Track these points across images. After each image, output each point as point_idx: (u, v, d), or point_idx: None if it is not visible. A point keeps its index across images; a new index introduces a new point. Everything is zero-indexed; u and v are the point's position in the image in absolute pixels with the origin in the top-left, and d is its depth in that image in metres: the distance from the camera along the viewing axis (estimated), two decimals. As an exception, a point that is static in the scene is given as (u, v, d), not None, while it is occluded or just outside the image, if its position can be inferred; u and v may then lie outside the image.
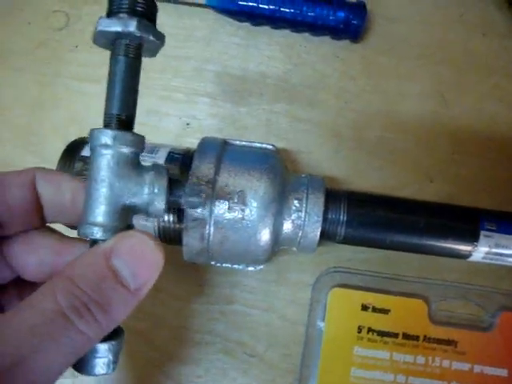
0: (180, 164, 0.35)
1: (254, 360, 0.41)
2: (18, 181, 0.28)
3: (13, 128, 0.46)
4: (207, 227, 0.33)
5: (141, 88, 0.45)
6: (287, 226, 0.35)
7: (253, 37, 0.46)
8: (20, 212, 0.28)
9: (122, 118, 0.27)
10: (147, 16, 0.26)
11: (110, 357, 0.26)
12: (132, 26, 0.25)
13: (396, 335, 0.40)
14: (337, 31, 0.45)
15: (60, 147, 0.44)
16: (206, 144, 0.36)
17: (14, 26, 0.48)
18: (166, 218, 0.35)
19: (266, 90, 0.45)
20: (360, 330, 0.40)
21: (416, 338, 0.40)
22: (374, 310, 0.40)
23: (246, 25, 0.46)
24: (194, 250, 0.35)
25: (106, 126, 0.27)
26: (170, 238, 0.36)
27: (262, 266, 0.38)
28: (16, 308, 0.22)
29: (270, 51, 0.46)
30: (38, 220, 0.29)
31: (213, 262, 0.37)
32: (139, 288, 0.25)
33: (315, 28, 0.45)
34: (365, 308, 0.40)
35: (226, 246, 0.34)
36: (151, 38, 0.26)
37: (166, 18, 0.47)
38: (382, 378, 0.39)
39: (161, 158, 0.35)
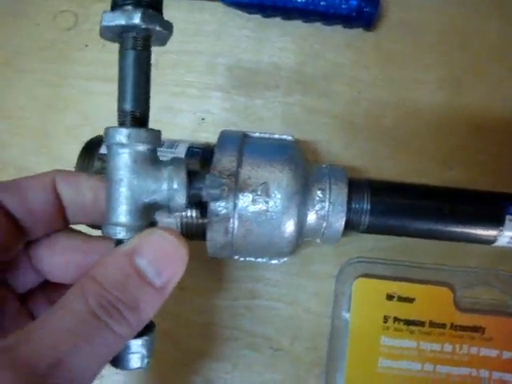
0: (200, 158, 0.35)
1: (280, 354, 0.41)
2: (37, 184, 0.28)
3: (24, 131, 0.46)
4: (231, 221, 0.33)
5: (153, 85, 0.45)
6: (311, 217, 0.35)
7: (263, 29, 0.46)
8: (43, 216, 0.28)
9: (136, 115, 0.26)
10: (152, 5, 0.25)
11: (144, 352, 0.26)
12: (137, 18, 0.24)
13: (422, 324, 0.40)
14: (349, 20, 0.44)
15: (73, 148, 0.44)
16: (225, 137, 0.35)
17: (22, 28, 0.48)
18: (188, 213, 0.34)
19: (281, 82, 0.45)
20: (386, 319, 0.40)
21: (442, 325, 0.40)
22: (399, 299, 0.40)
23: (257, 17, 0.46)
24: (218, 245, 0.34)
25: (121, 124, 0.26)
26: (192, 234, 0.35)
27: (285, 259, 0.38)
28: (49, 311, 0.22)
29: (281, 43, 0.45)
30: (60, 222, 0.29)
31: (236, 256, 0.37)
32: (165, 285, 0.24)
33: (327, 17, 0.44)
34: (390, 297, 0.40)
35: (251, 239, 0.34)
36: (158, 28, 0.25)
37: (176, 13, 0.46)
38: (410, 368, 0.39)
39: (181, 153, 0.35)
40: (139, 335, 0.25)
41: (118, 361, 0.25)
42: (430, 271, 0.41)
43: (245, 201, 0.33)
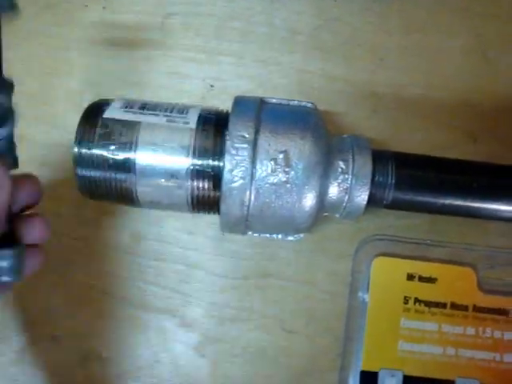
0: (214, 125, 0.32)
1: (294, 336, 0.38)
2: None
3: (23, 97, 0.42)
4: (247, 192, 0.30)
5: (159, 49, 0.42)
6: (333, 190, 0.32)
7: (278, -10, 0.43)
8: None
9: None
10: None
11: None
12: None
13: (444, 305, 0.38)
14: (370, -18, 0.41)
15: (74, 115, 0.41)
16: (241, 102, 0.32)
17: (18, -14, 0.44)
18: (200, 184, 0.32)
19: (297, 48, 0.42)
20: (406, 300, 0.38)
21: (465, 307, 0.38)
22: (420, 279, 0.38)
23: (271, -23, 0.43)
24: (233, 219, 0.31)
25: None
26: (204, 207, 0.33)
27: (302, 235, 0.35)
28: None
29: (298, 6, 0.42)
30: None
31: (250, 232, 0.34)
32: None
33: (346, -21, 0.41)
34: (410, 277, 0.38)
35: (268, 212, 0.31)
36: None
37: (185, -27, 0.43)
38: (431, 351, 0.37)
39: (192, 119, 0.32)
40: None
41: None
42: (452, 251, 0.38)
43: (263, 170, 0.30)
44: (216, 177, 0.31)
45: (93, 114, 0.33)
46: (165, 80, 0.41)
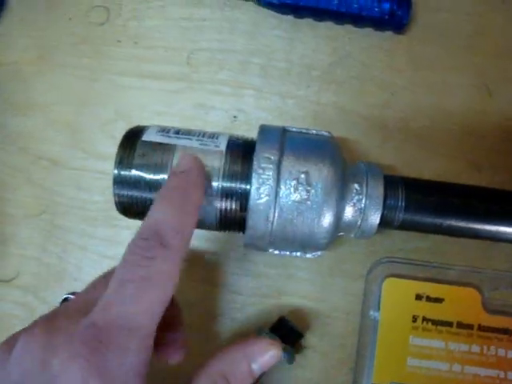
0: (242, 150, 0.38)
1: (309, 351, 0.44)
2: None
3: (58, 125, 0.49)
4: (272, 209, 0.36)
5: (186, 82, 0.49)
6: (348, 210, 0.38)
7: (296, 29, 0.50)
8: None
9: None
10: None
11: None
12: None
13: (450, 324, 0.43)
14: (381, 22, 0.48)
15: (106, 142, 0.48)
16: (267, 129, 0.39)
17: (55, 22, 0.51)
18: (228, 202, 0.37)
19: (312, 83, 0.49)
20: (415, 319, 0.43)
21: (470, 326, 0.43)
22: (428, 299, 0.43)
23: (289, 17, 0.50)
24: (258, 234, 0.37)
25: None
26: (230, 225, 0.39)
27: (319, 253, 0.41)
28: None
29: (314, 44, 0.49)
30: None
31: (271, 250, 0.40)
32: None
33: (359, 19, 0.48)
34: (419, 297, 0.43)
35: (290, 228, 0.37)
36: None
37: (210, 13, 0.50)
38: (438, 367, 0.42)
39: (222, 144, 0.38)
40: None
41: None
42: (458, 273, 0.44)
43: (286, 188, 0.36)
44: (243, 196, 0.37)
45: (132, 138, 0.39)
46: (191, 111, 0.48)
